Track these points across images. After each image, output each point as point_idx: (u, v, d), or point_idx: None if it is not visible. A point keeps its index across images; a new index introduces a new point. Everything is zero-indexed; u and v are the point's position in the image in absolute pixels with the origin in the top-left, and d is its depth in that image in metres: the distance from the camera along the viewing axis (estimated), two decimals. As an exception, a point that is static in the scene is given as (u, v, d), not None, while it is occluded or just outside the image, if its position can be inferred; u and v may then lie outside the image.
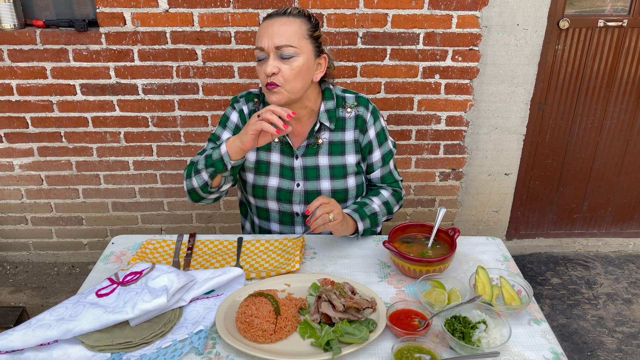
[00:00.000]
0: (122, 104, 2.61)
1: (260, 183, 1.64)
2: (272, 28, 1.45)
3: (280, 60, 1.45)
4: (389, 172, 1.72)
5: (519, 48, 2.54)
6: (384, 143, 1.68)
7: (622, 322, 2.58)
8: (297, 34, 1.46)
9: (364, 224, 1.55)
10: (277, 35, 1.43)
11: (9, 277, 2.93)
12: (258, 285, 1.35)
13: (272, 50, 1.44)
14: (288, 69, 1.45)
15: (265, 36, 1.45)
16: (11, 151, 2.72)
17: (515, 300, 1.28)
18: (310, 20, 1.51)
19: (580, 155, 2.93)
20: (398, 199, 1.72)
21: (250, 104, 1.66)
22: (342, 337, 1.14)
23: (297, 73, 1.47)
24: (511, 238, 3.14)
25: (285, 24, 1.45)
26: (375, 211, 1.60)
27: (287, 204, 1.65)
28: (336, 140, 1.63)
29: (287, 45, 1.44)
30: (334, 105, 1.62)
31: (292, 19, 1.47)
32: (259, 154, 1.64)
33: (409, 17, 2.45)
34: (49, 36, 2.45)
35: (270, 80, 1.46)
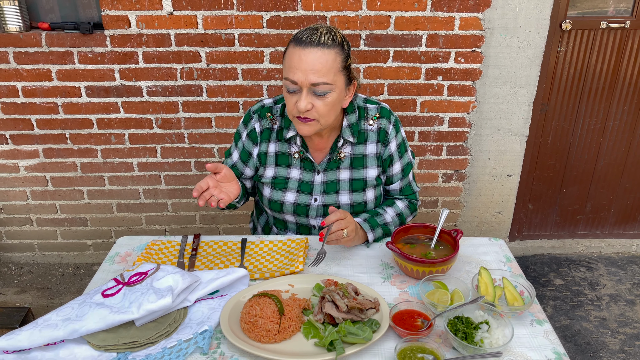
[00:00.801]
0: (126, 105, 2.62)
1: (276, 198, 1.63)
2: (306, 62, 1.37)
3: (314, 95, 1.42)
4: (408, 183, 1.71)
5: (521, 50, 2.54)
6: (404, 155, 1.67)
7: (625, 323, 2.58)
8: (332, 69, 1.40)
9: (374, 235, 1.56)
10: (312, 72, 1.37)
11: (14, 278, 2.95)
12: (262, 286, 1.36)
13: (306, 85, 1.39)
14: (322, 105, 1.43)
15: (298, 70, 1.38)
16: (17, 153, 2.74)
17: (517, 301, 1.28)
18: (344, 48, 1.44)
19: (583, 156, 2.93)
20: (412, 210, 1.72)
21: (263, 121, 1.62)
22: (346, 337, 1.15)
23: (330, 108, 1.45)
24: (514, 239, 3.15)
25: (320, 57, 1.38)
26: (387, 222, 1.61)
27: (304, 217, 1.66)
28: (358, 153, 1.62)
29: (323, 82, 1.39)
30: (356, 119, 1.59)
31: (327, 50, 1.38)
32: (278, 170, 1.62)
33: (412, 19, 2.46)
34: (54, 39, 2.46)
35: (303, 115, 1.44)
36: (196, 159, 2.76)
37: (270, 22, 2.45)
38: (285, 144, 1.62)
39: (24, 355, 1.14)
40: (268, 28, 2.47)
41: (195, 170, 2.79)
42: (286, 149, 1.62)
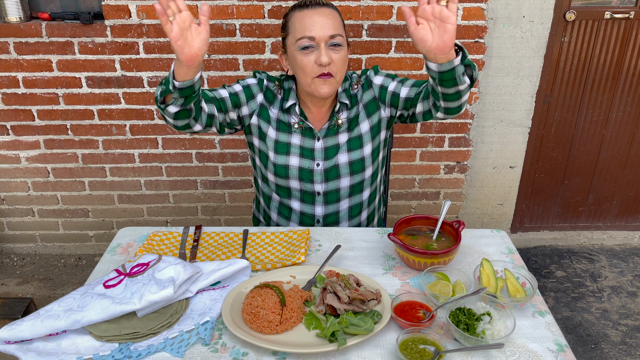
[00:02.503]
0: (127, 96, 2.61)
1: (281, 162, 1.65)
2: (320, 17, 1.47)
3: (330, 50, 1.48)
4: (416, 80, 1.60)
5: (524, 40, 2.53)
6: (395, 77, 1.66)
7: (626, 315, 2.58)
8: (341, 24, 1.52)
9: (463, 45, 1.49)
10: (327, 26, 1.47)
11: (16, 268, 2.96)
12: (264, 277, 1.36)
13: (324, 39, 1.47)
14: (339, 58, 1.50)
15: (315, 25, 1.46)
16: (18, 144, 2.73)
17: (519, 292, 1.28)
18: (340, 14, 1.55)
19: (586, 148, 2.92)
20: None
21: (271, 83, 1.67)
22: (347, 328, 1.15)
23: (344, 62, 1.52)
24: (516, 231, 3.14)
25: (330, 14, 1.49)
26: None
27: (308, 183, 1.67)
28: (352, 116, 1.66)
29: (338, 34, 1.48)
30: (349, 85, 1.66)
31: (332, 10, 1.51)
32: (279, 135, 1.65)
33: (415, 10, 2.44)
34: (54, 29, 2.45)
35: (326, 70, 1.48)
36: (197, 150, 2.76)
37: (271, 12, 2.43)
38: (285, 114, 1.65)
39: (25, 345, 1.14)
40: (269, 18, 2.45)
41: (196, 161, 2.79)
42: (286, 118, 1.65)
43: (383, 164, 1.80)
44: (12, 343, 1.14)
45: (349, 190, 1.69)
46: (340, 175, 1.66)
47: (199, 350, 1.15)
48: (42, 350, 1.14)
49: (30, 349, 1.13)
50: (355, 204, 1.73)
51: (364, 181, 1.70)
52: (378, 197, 1.83)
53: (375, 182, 1.77)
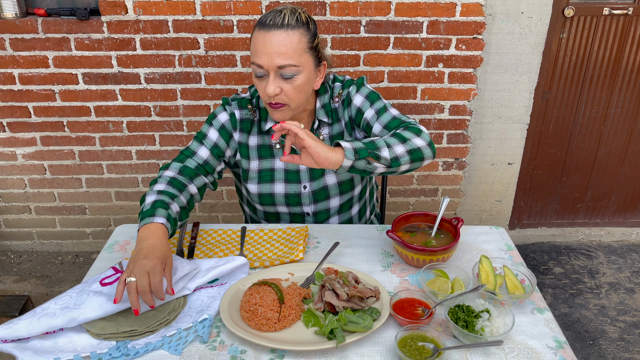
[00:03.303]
0: (124, 93, 2.60)
1: (266, 191, 1.61)
2: (270, 45, 1.33)
3: (282, 79, 1.38)
4: (392, 117, 1.50)
5: (523, 36, 2.52)
6: (376, 102, 1.54)
7: (624, 311, 2.58)
8: (298, 50, 1.36)
9: (351, 144, 1.29)
10: (277, 55, 1.34)
11: (13, 266, 2.95)
12: (262, 274, 1.35)
13: (272, 69, 1.35)
14: (290, 88, 1.39)
15: (263, 54, 1.34)
16: (14, 140, 2.72)
17: (518, 289, 1.28)
18: (309, 29, 1.40)
19: (584, 144, 2.91)
20: (416, 131, 1.42)
21: (244, 111, 1.57)
22: (346, 325, 1.14)
23: (300, 91, 1.41)
24: (514, 228, 3.14)
25: (285, 39, 1.34)
26: (372, 139, 1.36)
27: (296, 206, 1.64)
28: (335, 132, 1.60)
29: (289, 65, 1.35)
30: (328, 99, 1.58)
31: (291, 32, 1.34)
32: (262, 163, 1.59)
33: (413, 5, 2.43)
34: (50, 25, 2.43)
35: (274, 100, 1.41)
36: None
37: (269, 7, 2.42)
38: (265, 136, 1.59)
39: (22, 344, 1.14)
40: (269, 13, 2.44)
41: (194, 158, 2.78)
42: (267, 141, 1.59)
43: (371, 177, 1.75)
44: (8, 342, 1.13)
45: (338, 208, 1.68)
46: (329, 196, 1.64)
47: (197, 348, 1.15)
48: (39, 348, 1.13)
49: (27, 347, 1.13)
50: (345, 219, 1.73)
51: (353, 198, 1.68)
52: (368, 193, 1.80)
53: (365, 196, 1.75)
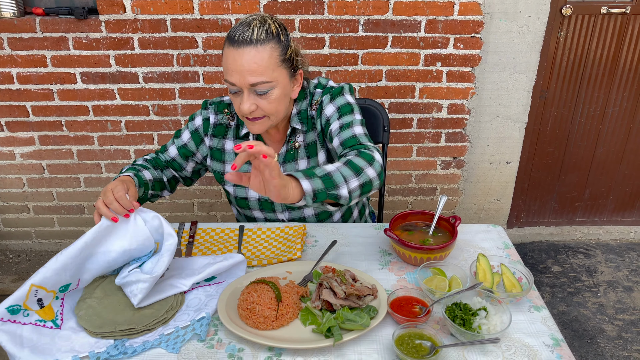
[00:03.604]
0: (122, 92, 2.60)
1: (241, 195, 1.62)
2: (241, 63, 1.31)
3: (256, 95, 1.36)
4: (352, 135, 1.44)
5: (521, 35, 2.52)
6: (345, 115, 1.49)
7: (622, 309, 2.59)
8: (270, 66, 1.33)
9: (311, 184, 1.19)
10: (248, 72, 1.32)
11: (11, 265, 2.95)
12: (260, 273, 1.35)
13: (245, 86, 1.34)
14: (266, 103, 1.37)
15: (234, 72, 1.32)
16: (12, 140, 2.72)
17: (515, 287, 1.28)
18: (280, 41, 1.36)
19: (582, 143, 2.92)
20: (368, 159, 1.32)
21: (219, 115, 1.58)
22: (344, 323, 1.15)
23: (276, 104, 1.39)
24: (512, 226, 3.15)
25: (254, 56, 1.31)
26: (328, 171, 1.24)
27: (270, 212, 1.65)
28: (310, 140, 1.57)
29: (262, 82, 1.33)
30: (306, 105, 1.55)
31: (260, 47, 1.31)
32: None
33: (411, 4, 2.44)
34: (48, 24, 2.43)
35: (250, 116, 1.40)
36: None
37: (267, 7, 2.42)
38: (242, 141, 1.58)
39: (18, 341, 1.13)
40: (265, 13, 2.43)
41: (192, 157, 2.78)
42: None
43: None
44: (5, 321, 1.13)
45: (315, 217, 1.68)
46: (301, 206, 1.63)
47: (194, 346, 1.15)
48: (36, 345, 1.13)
49: (25, 345, 1.12)
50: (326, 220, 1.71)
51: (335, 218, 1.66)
52: None
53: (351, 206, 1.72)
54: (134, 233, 1.27)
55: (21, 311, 1.16)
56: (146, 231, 1.28)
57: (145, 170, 1.54)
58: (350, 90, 1.56)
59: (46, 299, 1.19)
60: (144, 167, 1.55)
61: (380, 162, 1.34)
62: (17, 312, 1.16)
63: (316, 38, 2.49)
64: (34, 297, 1.17)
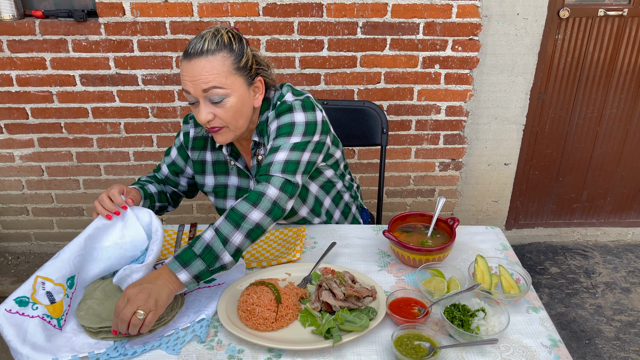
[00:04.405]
0: (121, 94, 2.60)
1: (220, 206, 1.65)
2: (192, 73, 1.33)
3: (212, 104, 1.37)
4: (268, 163, 1.37)
5: (519, 38, 2.53)
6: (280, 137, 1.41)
7: (620, 310, 2.60)
8: (222, 73, 1.34)
9: (189, 272, 1.19)
10: (200, 80, 1.33)
11: (10, 267, 2.95)
12: (259, 275, 1.36)
13: (200, 95, 1.35)
14: (222, 112, 1.37)
15: (187, 81, 1.35)
16: (11, 142, 2.72)
17: (514, 288, 1.29)
18: (233, 50, 1.36)
19: (580, 145, 2.93)
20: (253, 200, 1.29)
21: (198, 128, 1.58)
22: (343, 325, 1.15)
23: (233, 113, 1.38)
24: (510, 228, 3.16)
25: (205, 65, 1.32)
26: (207, 242, 1.23)
27: None
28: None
29: (213, 87, 1.33)
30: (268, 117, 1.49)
31: (211, 57, 1.33)
32: (217, 178, 1.62)
33: (409, 7, 2.45)
34: (48, 27, 2.44)
35: (209, 125, 1.40)
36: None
37: (266, 9, 2.43)
38: (220, 152, 1.60)
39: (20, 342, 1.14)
40: (264, 16, 2.45)
41: (191, 159, 2.78)
42: (222, 157, 1.60)
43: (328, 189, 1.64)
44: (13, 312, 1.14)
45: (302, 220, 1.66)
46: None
47: (194, 347, 1.16)
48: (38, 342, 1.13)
49: (27, 341, 1.13)
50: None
51: (304, 218, 1.63)
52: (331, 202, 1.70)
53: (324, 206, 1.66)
54: (125, 226, 1.35)
55: (30, 304, 1.17)
56: (138, 225, 1.34)
57: (150, 184, 1.61)
58: (305, 106, 1.44)
59: (57, 294, 1.21)
60: (148, 181, 1.63)
61: (274, 196, 1.30)
62: (26, 304, 1.17)
63: (315, 40, 2.50)
64: (42, 290, 1.19)
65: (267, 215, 1.29)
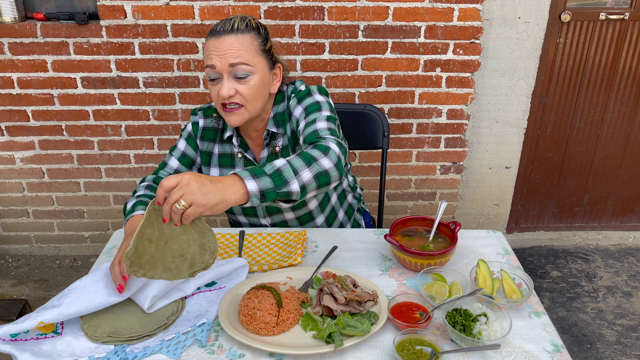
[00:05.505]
0: (123, 97, 2.60)
1: None
2: (222, 47, 1.37)
3: (236, 80, 1.40)
4: (313, 131, 1.42)
5: (520, 41, 2.53)
6: (312, 113, 1.48)
7: (621, 315, 2.59)
8: (250, 51, 1.39)
9: (258, 184, 1.16)
10: (229, 54, 1.37)
11: (11, 270, 2.95)
12: (260, 279, 1.35)
13: (225, 70, 1.38)
14: (246, 89, 1.40)
15: (215, 55, 1.37)
16: (12, 144, 2.72)
17: (515, 293, 1.29)
18: (260, 33, 1.43)
19: (581, 148, 2.93)
20: (322, 149, 1.30)
21: (208, 119, 1.60)
22: (344, 329, 1.15)
23: (255, 92, 1.42)
24: (511, 231, 3.15)
25: (235, 41, 1.38)
26: (278, 167, 1.20)
27: (254, 217, 1.66)
28: (284, 144, 1.57)
29: (241, 62, 1.38)
30: (284, 108, 1.56)
31: (241, 35, 1.38)
32: (223, 171, 1.61)
33: (411, 10, 2.45)
34: (49, 29, 2.44)
35: (228, 101, 1.41)
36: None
37: (267, 12, 2.43)
38: (227, 145, 1.60)
39: (20, 346, 1.14)
40: (265, 19, 2.45)
41: (192, 162, 2.78)
42: (228, 150, 1.60)
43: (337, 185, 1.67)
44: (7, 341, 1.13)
45: (297, 221, 1.67)
46: (282, 211, 1.63)
47: (195, 352, 1.15)
48: (37, 351, 1.13)
49: (26, 349, 1.13)
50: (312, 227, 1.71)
51: (311, 212, 1.65)
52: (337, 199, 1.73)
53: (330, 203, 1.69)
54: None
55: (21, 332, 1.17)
56: None
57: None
58: (320, 90, 1.55)
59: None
60: (148, 196, 1.50)
61: (338, 152, 1.30)
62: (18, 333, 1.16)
63: (316, 44, 2.50)
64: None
65: (335, 167, 1.28)
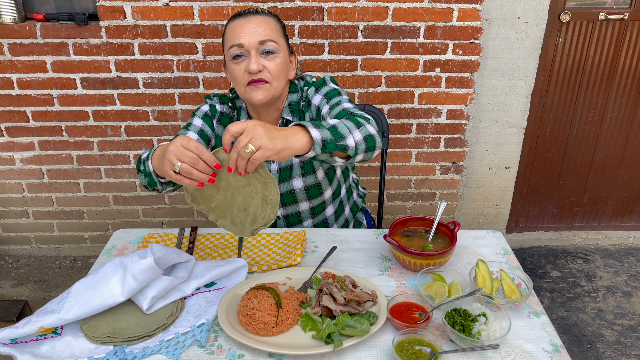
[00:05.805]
0: (122, 97, 2.61)
1: None
2: (249, 25, 1.43)
3: (263, 57, 1.44)
4: (342, 109, 1.47)
5: (519, 41, 2.53)
6: (333, 97, 1.52)
7: (621, 314, 2.59)
8: (275, 31, 1.47)
9: (320, 133, 1.20)
10: (257, 33, 1.42)
11: (10, 270, 2.95)
12: (259, 279, 1.35)
13: (254, 46, 1.42)
14: (272, 65, 1.45)
15: (243, 34, 1.42)
16: (12, 145, 2.72)
17: (515, 293, 1.29)
18: (279, 20, 1.52)
19: (581, 148, 2.93)
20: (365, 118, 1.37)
21: (225, 106, 1.62)
22: (343, 329, 1.15)
23: (280, 70, 1.47)
24: (511, 231, 3.15)
25: (262, 21, 1.45)
26: (333, 124, 1.27)
27: None
28: None
29: (270, 39, 1.43)
30: (298, 98, 1.60)
31: (266, 17, 1.47)
32: None
33: (410, 10, 2.45)
34: (49, 30, 2.44)
35: (256, 77, 1.43)
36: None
37: (267, 13, 2.43)
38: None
39: (20, 348, 1.14)
40: (265, 19, 2.45)
41: (192, 162, 2.78)
42: None
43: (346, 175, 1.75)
44: (7, 345, 1.13)
45: (309, 211, 1.68)
46: (297, 201, 1.64)
47: (194, 352, 1.15)
48: (37, 353, 1.13)
49: (26, 350, 1.13)
50: (320, 222, 1.72)
51: (325, 201, 1.68)
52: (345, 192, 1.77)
53: (340, 196, 1.73)
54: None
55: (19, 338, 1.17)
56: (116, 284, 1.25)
57: None
58: (332, 81, 1.62)
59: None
60: None
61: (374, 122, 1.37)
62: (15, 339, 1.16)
63: (316, 44, 2.51)
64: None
65: (378, 134, 1.34)
